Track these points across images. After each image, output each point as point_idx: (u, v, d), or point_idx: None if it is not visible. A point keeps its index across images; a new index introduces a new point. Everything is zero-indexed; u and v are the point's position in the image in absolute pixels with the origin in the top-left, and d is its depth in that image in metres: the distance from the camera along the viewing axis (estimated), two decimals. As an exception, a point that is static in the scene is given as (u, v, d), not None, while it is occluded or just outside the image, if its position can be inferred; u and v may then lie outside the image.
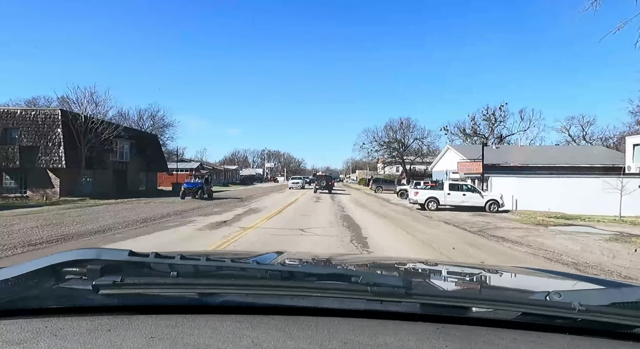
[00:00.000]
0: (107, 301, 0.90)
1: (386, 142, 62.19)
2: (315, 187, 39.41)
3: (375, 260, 2.70)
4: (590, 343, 0.84)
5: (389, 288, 0.89)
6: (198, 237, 10.16)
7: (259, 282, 0.95)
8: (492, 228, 13.80)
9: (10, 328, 0.82)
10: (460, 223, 15.16)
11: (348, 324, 0.87)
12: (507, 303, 0.92)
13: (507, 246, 10.23)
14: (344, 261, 2.31)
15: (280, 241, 9.80)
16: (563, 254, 9.10)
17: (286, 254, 1.89)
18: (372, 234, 11.46)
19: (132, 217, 14.52)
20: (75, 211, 17.02)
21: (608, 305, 0.89)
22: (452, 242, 10.54)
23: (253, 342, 0.77)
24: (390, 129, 63.68)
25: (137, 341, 0.77)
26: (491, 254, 9.00)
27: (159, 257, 0.97)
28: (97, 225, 12.13)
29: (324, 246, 9.19)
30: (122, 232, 10.96)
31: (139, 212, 16.33)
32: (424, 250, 9.20)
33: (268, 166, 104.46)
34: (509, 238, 11.49)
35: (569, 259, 8.56)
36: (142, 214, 15.74)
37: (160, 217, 14.83)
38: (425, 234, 11.98)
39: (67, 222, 12.70)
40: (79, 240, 9.56)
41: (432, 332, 0.85)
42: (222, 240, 9.60)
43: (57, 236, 9.97)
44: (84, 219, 13.81)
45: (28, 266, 0.93)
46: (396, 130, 62.79)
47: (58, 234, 10.27)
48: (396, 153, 62.41)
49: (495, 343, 0.82)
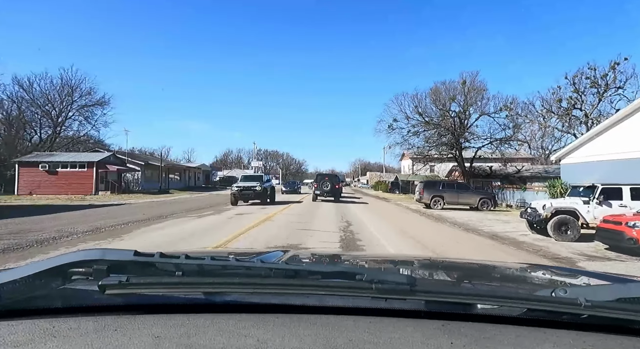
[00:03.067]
0: (113, 301, 0.90)
1: (434, 119, 33.78)
2: (314, 193, 26.43)
3: (380, 257, 2.75)
4: (596, 338, 0.84)
5: (393, 285, 0.87)
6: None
7: (264, 280, 0.94)
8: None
9: (17, 329, 0.81)
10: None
11: (353, 322, 0.87)
12: (512, 299, 0.93)
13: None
14: (348, 258, 2.32)
15: None
16: None
17: (291, 252, 1.92)
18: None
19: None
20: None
21: (614, 300, 0.89)
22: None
23: (258, 340, 0.77)
24: (439, 94, 33.91)
25: (143, 341, 0.77)
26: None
27: (164, 256, 0.97)
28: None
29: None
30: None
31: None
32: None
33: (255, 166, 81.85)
34: None
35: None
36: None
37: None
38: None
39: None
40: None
41: (437, 329, 0.85)
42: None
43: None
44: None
45: (34, 267, 0.93)
46: (452, 96, 33.10)
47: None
48: (450, 138, 33.25)
49: (500, 339, 0.81)
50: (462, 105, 32.79)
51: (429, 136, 33.88)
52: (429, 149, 34.31)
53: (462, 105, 32.83)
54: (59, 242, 8.98)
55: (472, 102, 32.69)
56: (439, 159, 35.73)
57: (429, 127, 33.77)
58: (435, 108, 34.03)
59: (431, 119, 33.80)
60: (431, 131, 33.76)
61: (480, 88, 32.94)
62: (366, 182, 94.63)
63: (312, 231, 11.47)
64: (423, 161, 36.89)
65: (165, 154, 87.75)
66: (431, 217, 17.69)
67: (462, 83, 32.78)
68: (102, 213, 16.38)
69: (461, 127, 33.09)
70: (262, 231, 11.38)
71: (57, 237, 9.41)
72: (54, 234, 9.80)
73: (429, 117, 33.96)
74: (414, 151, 35.46)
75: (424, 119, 34.18)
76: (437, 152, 34.38)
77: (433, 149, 34.46)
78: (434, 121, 33.51)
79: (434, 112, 34.26)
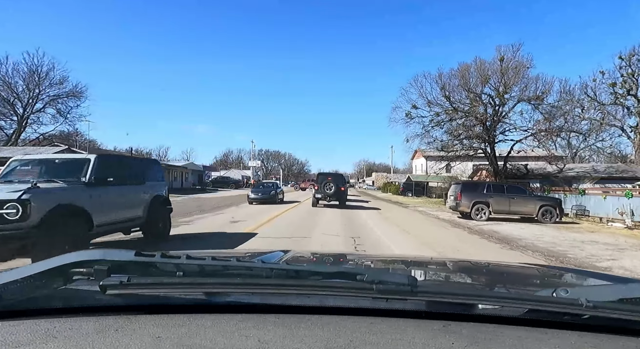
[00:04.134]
0: (114, 301, 0.90)
1: (461, 107, 26.63)
2: (314, 196, 20.98)
3: (381, 258, 2.69)
4: (598, 339, 0.83)
5: (394, 286, 0.87)
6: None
7: (265, 281, 0.94)
8: None
9: (18, 329, 0.81)
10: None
11: (354, 323, 0.87)
12: (513, 299, 0.92)
13: None
14: (349, 259, 2.30)
15: None
16: None
17: (292, 252, 1.89)
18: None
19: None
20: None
21: (616, 301, 0.88)
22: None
23: (259, 341, 0.77)
24: (468, 76, 26.06)
25: (144, 341, 0.76)
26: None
27: (165, 257, 0.97)
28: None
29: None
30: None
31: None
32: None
33: (252, 165, 76.07)
34: None
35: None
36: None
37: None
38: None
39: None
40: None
41: (438, 329, 0.85)
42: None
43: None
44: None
45: (35, 268, 0.93)
46: (485, 77, 25.33)
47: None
48: (480, 130, 26.37)
49: (501, 340, 0.81)
50: (498, 88, 26.19)
51: (454, 128, 27.26)
52: (455, 143, 27.73)
53: (497, 88, 26.28)
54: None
55: (510, 84, 24.99)
56: (465, 157, 29.16)
57: (456, 115, 26.39)
58: (464, 92, 26.47)
59: (458, 106, 26.63)
60: (458, 120, 26.71)
61: (523, 65, 24.89)
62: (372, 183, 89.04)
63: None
64: (447, 159, 30.26)
65: (163, 154, 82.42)
66: (490, 237, 11.40)
67: (500, 59, 25.09)
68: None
69: (495, 116, 26.73)
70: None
71: None
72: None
73: (456, 104, 26.71)
74: (437, 146, 28.57)
75: (451, 105, 26.65)
76: (464, 147, 27.91)
77: (459, 144, 27.71)
78: (462, 108, 26.43)
79: (461, 98, 26.90)
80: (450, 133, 27.06)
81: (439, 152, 29.01)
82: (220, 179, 58.43)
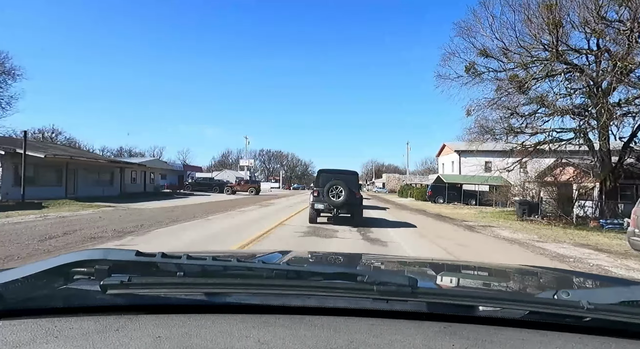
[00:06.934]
0: (115, 301, 0.90)
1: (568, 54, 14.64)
2: (313, 207, 12.12)
3: (382, 259, 2.68)
4: (599, 342, 0.83)
5: (395, 287, 0.87)
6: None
7: (265, 281, 0.94)
8: None
9: (18, 328, 0.81)
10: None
11: (354, 323, 0.87)
12: (514, 301, 0.92)
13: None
14: (349, 260, 2.31)
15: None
16: None
17: (292, 253, 1.91)
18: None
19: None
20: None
21: (617, 304, 0.88)
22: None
23: (259, 341, 0.77)
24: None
25: (144, 341, 0.77)
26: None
27: (165, 257, 0.97)
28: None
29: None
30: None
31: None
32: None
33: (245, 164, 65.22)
34: None
35: None
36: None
37: None
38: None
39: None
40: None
41: (438, 331, 0.85)
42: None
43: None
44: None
45: (36, 267, 0.93)
46: (599, 5, 12.89)
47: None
48: (592, 96, 14.88)
49: (502, 342, 0.81)
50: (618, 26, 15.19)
51: (543, 94, 15.85)
52: (545, 120, 16.17)
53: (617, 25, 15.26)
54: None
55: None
56: (541, 151, 17.87)
57: (551, 69, 15.19)
58: (552, 34, 14.87)
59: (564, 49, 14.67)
60: (558, 77, 15.53)
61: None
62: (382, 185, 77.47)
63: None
64: (505, 154, 19.06)
65: (158, 155, 72.04)
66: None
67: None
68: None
69: (614, 73, 15.54)
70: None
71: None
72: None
73: (553, 49, 14.74)
74: (444, 146, 17.17)
75: (556, 47, 14.76)
76: (558, 126, 16.45)
77: (550, 121, 16.35)
78: (568, 53, 15.12)
79: (543, 44, 15.48)
80: (539, 101, 15.69)
81: (481, 145, 17.94)
82: (201, 181, 47.48)
